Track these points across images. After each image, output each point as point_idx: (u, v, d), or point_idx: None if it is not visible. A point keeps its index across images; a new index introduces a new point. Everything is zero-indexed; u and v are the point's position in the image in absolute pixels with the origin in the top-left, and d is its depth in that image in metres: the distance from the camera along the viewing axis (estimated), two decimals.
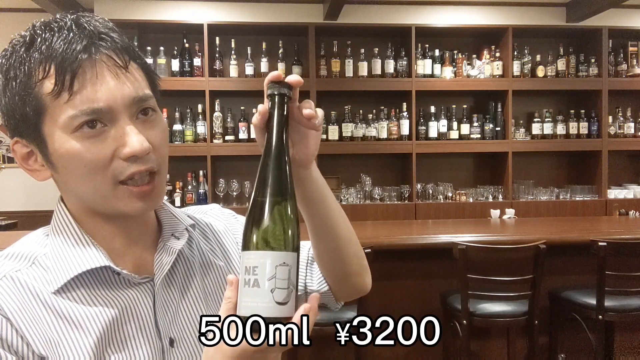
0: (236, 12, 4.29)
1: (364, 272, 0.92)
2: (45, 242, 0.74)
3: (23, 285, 0.68)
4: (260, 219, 0.62)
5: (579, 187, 4.46)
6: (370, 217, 4.14)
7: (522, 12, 4.51)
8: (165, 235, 0.80)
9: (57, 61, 0.64)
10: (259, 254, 0.61)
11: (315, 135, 0.75)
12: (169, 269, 0.77)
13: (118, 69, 0.67)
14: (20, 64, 0.66)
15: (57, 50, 0.64)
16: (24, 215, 4.40)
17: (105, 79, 0.66)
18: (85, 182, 0.68)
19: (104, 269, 0.72)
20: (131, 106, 0.68)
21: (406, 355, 2.88)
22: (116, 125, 0.67)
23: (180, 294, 0.79)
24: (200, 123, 4.16)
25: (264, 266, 0.60)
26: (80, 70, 0.64)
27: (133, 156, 0.67)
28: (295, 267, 0.62)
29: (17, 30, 0.69)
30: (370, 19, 4.37)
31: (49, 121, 0.66)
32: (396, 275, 2.88)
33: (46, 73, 0.65)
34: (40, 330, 0.67)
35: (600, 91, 4.46)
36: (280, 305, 0.60)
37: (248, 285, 0.60)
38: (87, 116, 0.65)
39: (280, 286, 0.60)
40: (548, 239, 2.43)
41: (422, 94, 4.34)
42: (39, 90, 0.65)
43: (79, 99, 0.65)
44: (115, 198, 0.70)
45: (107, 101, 0.66)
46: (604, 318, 2.46)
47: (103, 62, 0.66)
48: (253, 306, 0.60)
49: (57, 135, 0.66)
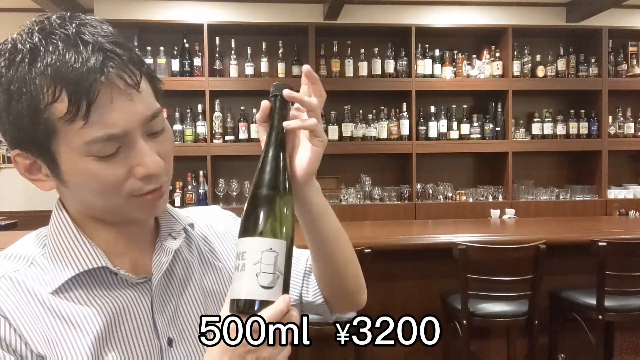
0: (236, 12, 4.29)
1: (360, 290, 0.92)
2: (43, 242, 0.74)
3: (21, 286, 0.69)
4: (252, 208, 0.66)
5: (579, 187, 4.46)
6: (370, 217, 4.14)
7: (522, 12, 4.51)
8: (163, 236, 0.80)
9: (69, 85, 0.61)
10: (248, 239, 0.64)
11: (315, 150, 0.75)
12: (167, 268, 0.77)
13: (130, 89, 0.65)
14: (25, 82, 0.62)
15: (67, 73, 0.61)
16: (24, 215, 4.40)
17: (120, 102, 0.64)
18: (100, 198, 0.69)
19: (101, 270, 0.72)
20: (144, 124, 0.67)
21: (406, 355, 2.88)
22: (131, 146, 0.66)
23: (178, 294, 0.79)
24: (200, 123, 4.16)
25: (251, 251, 0.63)
26: (98, 93, 0.62)
27: (149, 176, 0.68)
28: (283, 255, 0.64)
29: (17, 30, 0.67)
30: (370, 19, 4.37)
31: (61, 143, 0.64)
32: (396, 275, 2.88)
33: (56, 97, 0.61)
34: (38, 330, 0.67)
35: (600, 91, 4.46)
36: (264, 289, 0.62)
37: (237, 270, 0.63)
38: (103, 142, 0.64)
39: (266, 270, 0.62)
40: (548, 239, 2.43)
41: (422, 94, 4.34)
42: (50, 114, 0.62)
43: (95, 126, 0.63)
44: (128, 209, 0.71)
45: (124, 126, 0.64)
46: (604, 318, 2.46)
47: (115, 84, 0.63)
48: (239, 289, 0.63)
49: (70, 156, 0.65)
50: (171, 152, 0.73)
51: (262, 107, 0.72)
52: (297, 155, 0.76)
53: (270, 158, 0.69)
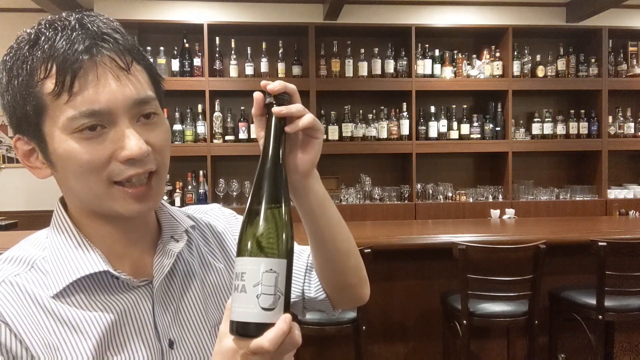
0: (236, 12, 4.29)
1: (362, 283, 0.92)
2: (44, 244, 0.74)
3: (22, 290, 0.69)
4: (249, 226, 0.63)
5: (579, 187, 4.46)
6: (370, 217, 4.14)
7: (522, 12, 4.51)
8: (165, 238, 0.80)
9: (58, 61, 0.64)
10: (247, 260, 0.62)
11: (315, 143, 0.75)
12: (169, 273, 0.77)
13: (120, 70, 0.66)
14: (23, 62, 0.66)
15: (59, 50, 0.64)
16: (24, 215, 4.40)
17: (106, 80, 0.65)
18: (80, 182, 0.68)
19: (102, 273, 0.72)
20: (132, 108, 0.68)
21: (406, 355, 2.88)
22: (115, 128, 0.67)
23: (179, 296, 0.79)
24: (200, 123, 4.16)
25: (250, 272, 0.61)
26: (81, 71, 0.64)
27: (131, 159, 0.67)
28: (284, 274, 0.62)
29: (17, 30, 0.69)
30: (370, 19, 4.37)
31: (49, 121, 0.66)
32: (396, 275, 2.88)
33: (48, 73, 0.64)
34: (39, 335, 0.67)
35: (600, 91, 4.46)
36: (265, 311, 0.61)
37: (237, 291, 0.61)
38: (86, 118, 0.65)
39: (267, 292, 0.61)
40: (548, 239, 2.43)
41: (422, 94, 4.34)
42: (40, 89, 0.65)
43: (79, 100, 0.64)
44: (110, 199, 0.69)
45: (107, 103, 0.65)
46: (604, 318, 2.46)
47: (104, 64, 0.66)
48: (240, 311, 0.61)
49: (57, 135, 0.66)
50: (164, 143, 0.72)
51: (256, 99, 0.70)
52: (299, 149, 0.75)
53: (267, 171, 0.66)
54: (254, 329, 0.60)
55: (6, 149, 4.63)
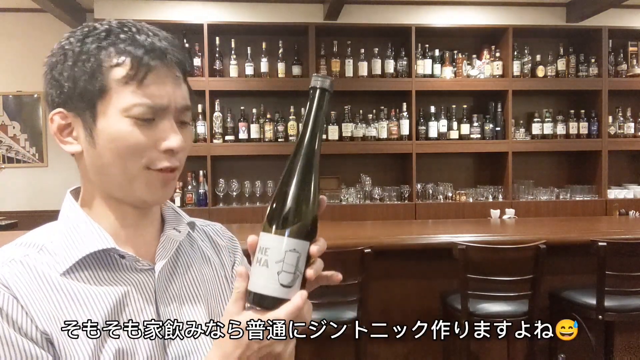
0: (236, 12, 4.29)
1: None
2: (51, 232, 0.78)
3: (32, 268, 0.73)
4: (279, 206, 0.67)
5: (579, 187, 4.46)
6: (370, 217, 4.14)
7: (522, 12, 4.51)
8: (168, 229, 0.85)
9: (136, 54, 0.72)
10: (272, 237, 0.66)
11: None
12: (170, 259, 0.82)
13: (176, 79, 0.77)
14: (98, 48, 0.73)
15: (136, 47, 0.73)
16: (24, 215, 4.40)
17: (168, 83, 0.76)
18: (119, 162, 0.74)
19: (108, 253, 0.77)
20: (180, 112, 0.77)
21: (406, 355, 2.88)
22: (164, 121, 0.75)
23: (180, 284, 0.83)
24: (200, 123, 4.16)
25: (274, 249, 0.65)
26: (154, 70, 0.73)
27: (169, 150, 0.75)
28: (305, 255, 0.66)
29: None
30: (370, 19, 4.37)
31: (107, 102, 0.73)
32: (396, 275, 2.88)
33: (122, 62, 0.72)
34: (48, 310, 0.70)
35: (600, 91, 4.46)
36: (283, 288, 0.65)
37: (259, 264, 0.66)
38: (147, 108, 0.73)
39: (287, 270, 0.65)
40: (548, 239, 2.43)
41: (422, 94, 4.34)
42: (109, 73, 0.73)
43: (145, 92, 0.73)
44: (139, 184, 0.76)
45: (169, 101, 0.75)
46: (604, 318, 2.46)
47: (169, 69, 0.76)
48: (259, 284, 0.65)
49: (111, 115, 0.73)
50: (188, 147, 0.80)
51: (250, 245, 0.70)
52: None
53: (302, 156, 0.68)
54: (270, 303, 0.65)
55: (6, 149, 4.62)
